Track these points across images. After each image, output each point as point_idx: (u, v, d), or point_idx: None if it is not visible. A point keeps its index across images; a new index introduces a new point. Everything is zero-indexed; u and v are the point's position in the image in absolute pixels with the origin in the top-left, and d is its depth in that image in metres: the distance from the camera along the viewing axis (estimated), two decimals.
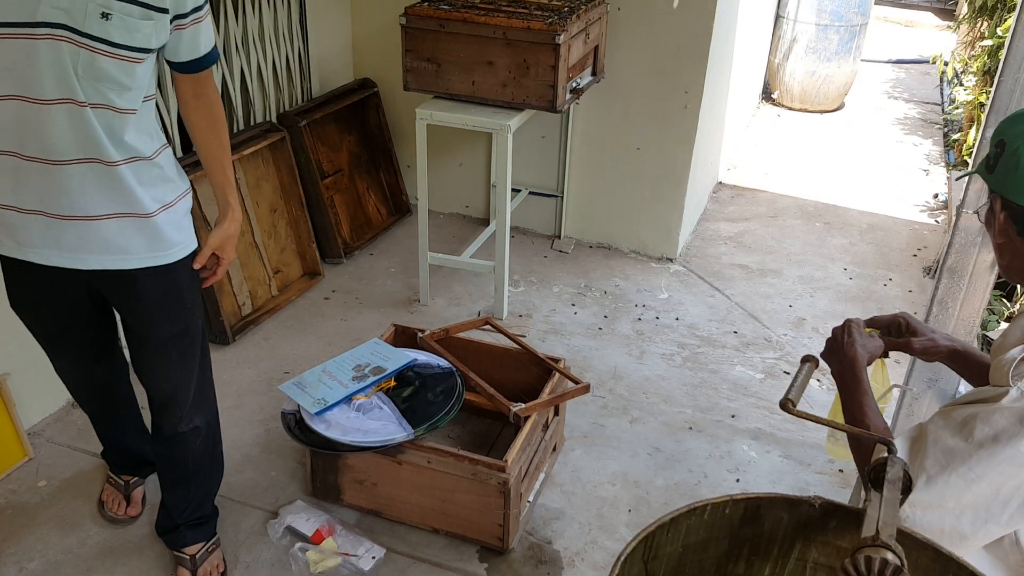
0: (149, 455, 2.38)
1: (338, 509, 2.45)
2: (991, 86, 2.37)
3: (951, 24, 6.84)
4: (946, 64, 5.63)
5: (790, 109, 6.02)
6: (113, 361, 2.20)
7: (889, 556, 0.92)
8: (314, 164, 3.58)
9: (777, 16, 5.85)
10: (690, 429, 2.85)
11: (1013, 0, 4.64)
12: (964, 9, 5.81)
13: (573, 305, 3.52)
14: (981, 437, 1.21)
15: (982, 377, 1.42)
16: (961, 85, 5.49)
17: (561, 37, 2.91)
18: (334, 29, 3.85)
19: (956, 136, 5.23)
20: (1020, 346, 1.28)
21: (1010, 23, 1.95)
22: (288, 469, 2.60)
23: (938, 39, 7.73)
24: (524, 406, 2.36)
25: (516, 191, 3.86)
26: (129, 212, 1.76)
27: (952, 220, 2.20)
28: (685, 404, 2.97)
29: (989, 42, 4.65)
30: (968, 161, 4.06)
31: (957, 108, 5.37)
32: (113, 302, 1.96)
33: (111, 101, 1.65)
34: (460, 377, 2.47)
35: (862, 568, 0.92)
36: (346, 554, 2.28)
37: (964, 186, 2.02)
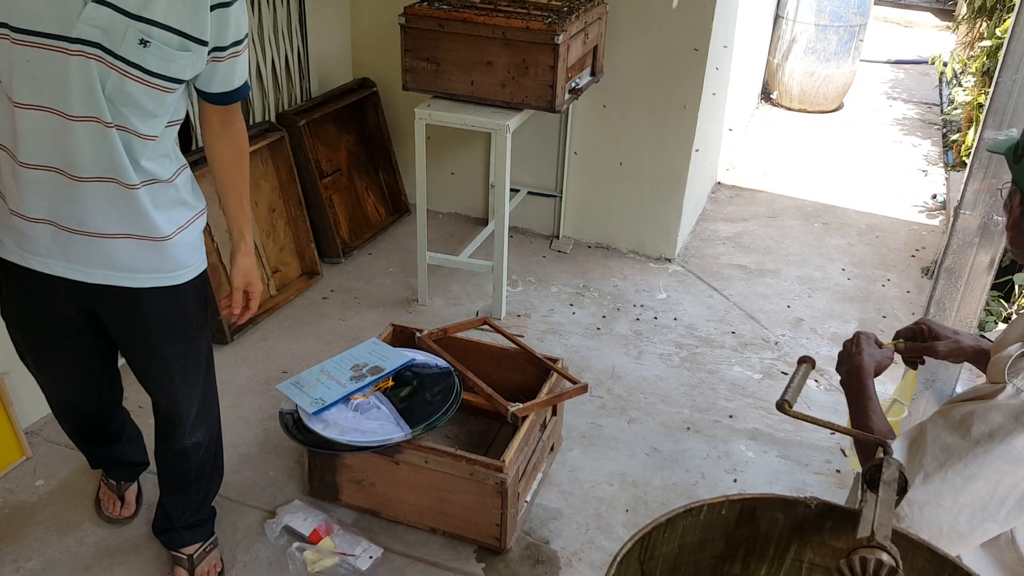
0: (137, 457, 2.39)
1: (336, 509, 2.45)
2: (990, 87, 2.37)
3: (950, 25, 6.84)
4: (945, 65, 5.64)
5: (789, 109, 6.02)
6: (103, 388, 2.11)
7: (884, 557, 0.92)
8: (313, 164, 3.58)
9: (776, 16, 5.85)
10: (688, 429, 2.85)
11: (1012, 1, 4.64)
12: (963, 10, 5.81)
13: (571, 305, 3.52)
14: (978, 435, 1.21)
15: None
16: (960, 86, 5.49)
17: (560, 37, 2.91)
18: (333, 29, 3.85)
19: (955, 137, 5.23)
20: (1018, 343, 1.29)
21: (1009, 24, 1.95)
22: (286, 469, 2.60)
23: (937, 40, 7.73)
24: (522, 406, 2.36)
25: (515, 191, 3.86)
26: (142, 235, 1.74)
27: (950, 221, 2.20)
28: (683, 404, 2.97)
29: (988, 43, 4.65)
30: (966, 162, 4.06)
31: (956, 109, 5.37)
32: (110, 322, 1.89)
33: (133, 126, 1.63)
34: (458, 377, 2.47)
35: (857, 569, 0.92)
36: (343, 554, 2.28)
37: (962, 187, 2.02)
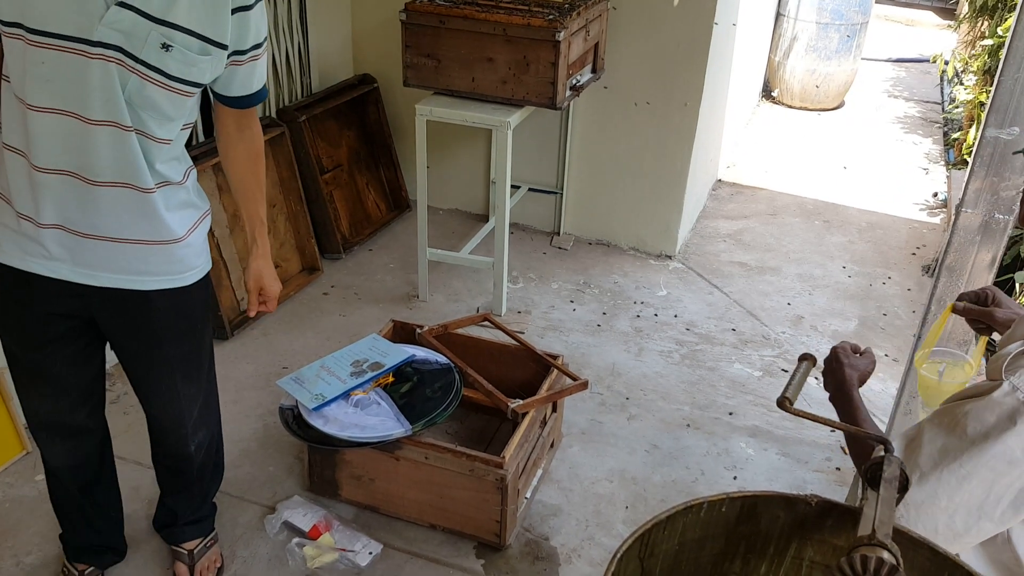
0: (115, 542, 2.22)
1: (335, 504, 2.45)
2: (991, 85, 2.36)
3: (952, 23, 6.84)
4: (946, 63, 5.63)
5: (790, 107, 6.01)
6: (96, 411, 2.00)
7: (885, 555, 0.92)
8: (313, 159, 3.58)
9: (778, 14, 5.84)
10: (688, 426, 2.85)
11: (1014, 0, 4.64)
12: (965, 8, 5.80)
13: (572, 302, 3.52)
14: (972, 434, 1.21)
15: None
16: (961, 84, 5.48)
17: (561, 34, 2.90)
18: (334, 24, 3.84)
19: (956, 135, 5.23)
20: (1018, 342, 1.29)
21: (1010, 22, 1.95)
22: (286, 464, 2.60)
23: (938, 38, 7.73)
24: (522, 402, 2.36)
25: (516, 187, 3.86)
26: (155, 239, 1.72)
27: (951, 219, 2.20)
28: (683, 401, 2.97)
29: (989, 41, 4.65)
30: (968, 160, 4.06)
31: (957, 107, 5.37)
32: (112, 325, 1.83)
33: (151, 130, 1.61)
34: (458, 373, 2.47)
35: (858, 567, 0.92)
36: (343, 549, 2.29)
37: (963, 185, 2.02)
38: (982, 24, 5.20)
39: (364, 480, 2.39)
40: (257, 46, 1.68)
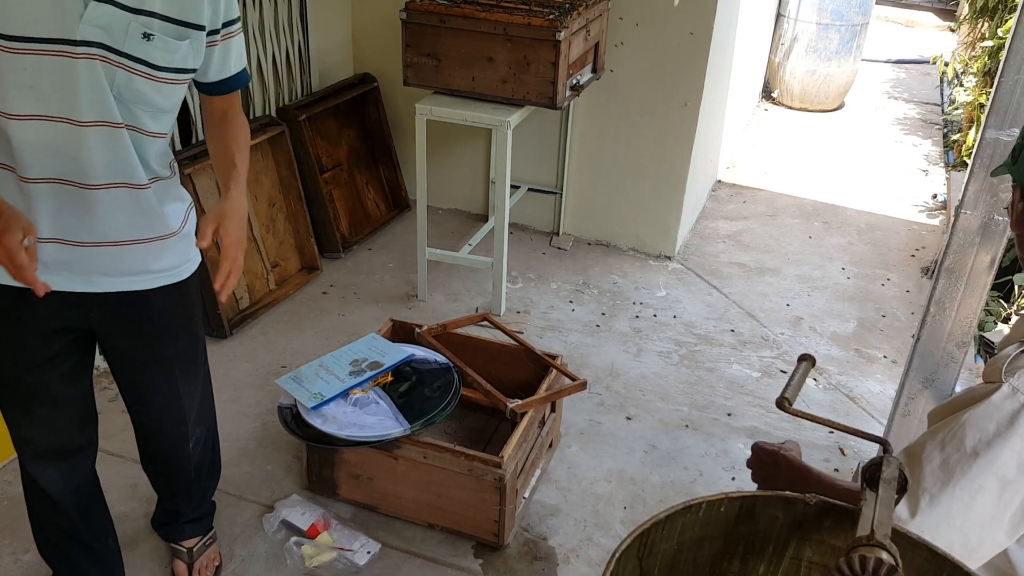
0: (119, 572, 2.13)
1: (334, 504, 2.45)
2: (991, 87, 2.36)
3: (952, 25, 6.85)
4: (946, 65, 5.64)
5: (790, 108, 6.02)
6: (90, 426, 1.94)
7: (884, 556, 0.91)
8: (313, 158, 3.58)
9: (778, 15, 5.85)
10: (686, 427, 2.85)
11: (1014, 1, 4.64)
12: (965, 10, 5.81)
13: (571, 302, 3.52)
14: (974, 444, 1.17)
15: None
16: (961, 86, 5.49)
17: (562, 34, 2.90)
18: (334, 23, 3.84)
19: (956, 137, 5.23)
20: (1016, 343, 1.27)
21: (1011, 24, 1.95)
22: (284, 463, 2.60)
23: (939, 39, 7.73)
24: (521, 402, 2.36)
25: (515, 187, 3.86)
26: (153, 236, 1.70)
27: (951, 221, 2.20)
28: (682, 402, 2.97)
29: (990, 43, 4.65)
30: (967, 162, 4.06)
31: (957, 109, 5.37)
32: (110, 330, 1.80)
33: (144, 125, 1.59)
34: (457, 373, 2.47)
35: (857, 567, 0.92)
36: (341, 548, 2.28)
37: (963, 187, 2.02)
38: (982, 25, 5.21)
39: (362, 479, 2.38)
40: (230, 23, 1.63)
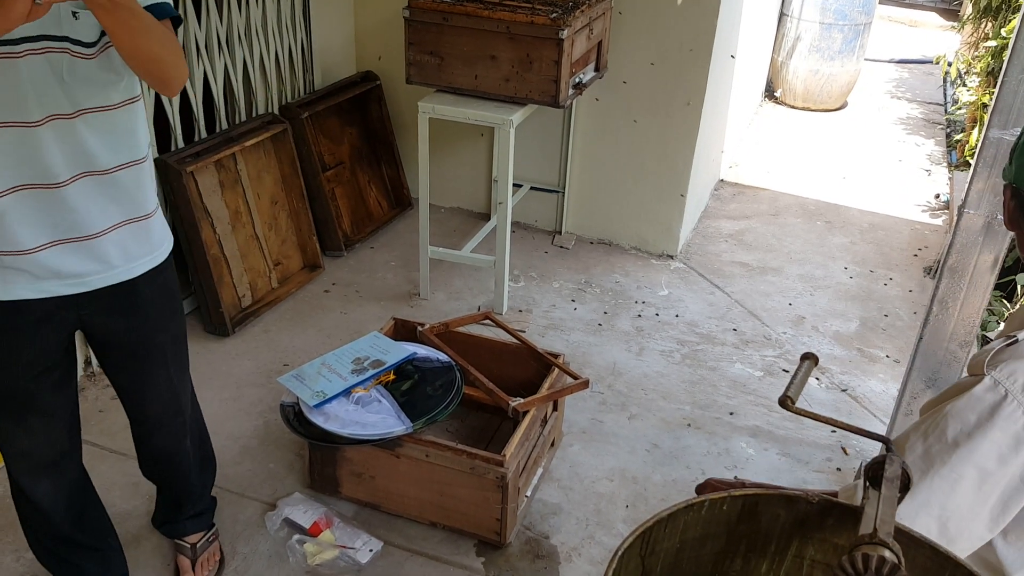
0: (118, 569, 2.13)
1: (336, 502, 2.45)
2: (994, 87, 2.36)
3: (955, 24, 6.83)
4: (949, 64, 5.63)
5: (793, 107, 6.01)
6: (76, 432, 1.94)
7: (887, 554, 0.92)
8: (316, 156, 3.58)
9: (781, 14, 5.84)
10: (688, 426, 2.85)
11: (1018, 1, 4.63)
12: (968, 10, 5.80)
13: (573, 301, 3.52)
14: (955, 435, 1.19)
15: None
16: (964, 86, 5.48)
17: (565, 32, 2.90)
18: (337, 21, 3.84)
19: (959, 137, 5.23)
20: (1002, 337, 1.28)
21: (1014, 24, 1.95)
22: (286, 461, 2.60)
23: (942, 39, 7.72)
24: (523, 401, 2.36)
25: (518, 186, 3.86)
26: (131, 218, 1.71)
27: (953, 220, 2.19)
28: (684, 401, 2.97)
29: (993, 43, 4.65)
30: (970, 162, 4.06)
31: (960, 109, 5.37)
32: (104, 329, 1.81)
33: (108, 99, 1.58)
34: (459, 371, 2.47)
35: (859, 566, 0.92)
36: (343, 547, 2.29)
37: (966, 186, 2.02)
38: (986, 25, 5.20)
39: (365, 477, 2.39)
40: None
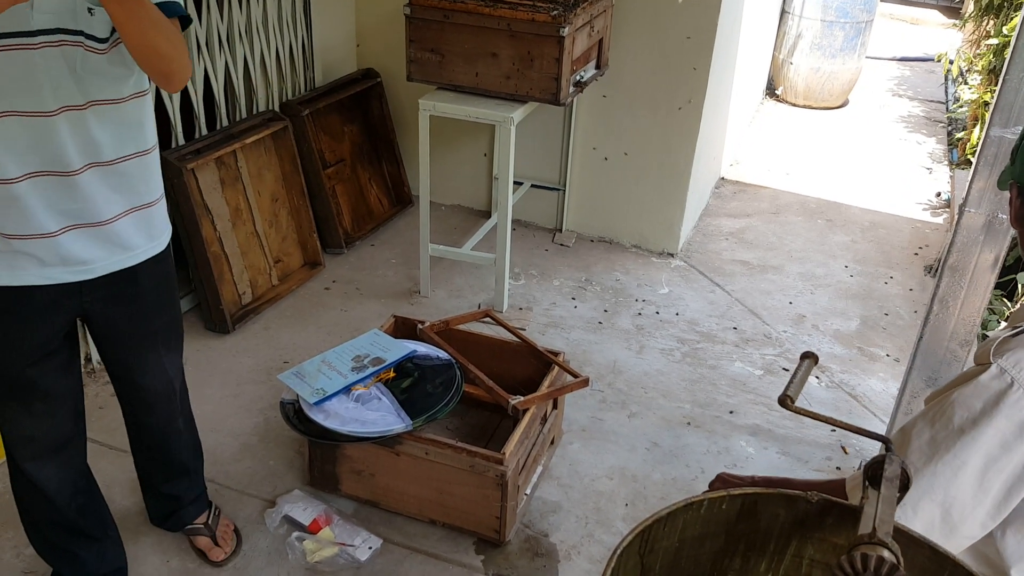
0: (118, 562, 2.15)
1: (336, 499, 2.45)
2: (996, 85, 2.36)
3: (957, 22, 6.83)
4: (951, 62, 5.63)
5: (794, 105, 6.00)
6: (81, 417, 1.96)
7: (885, 554, 0.92)
8: (316, 154, 3.58)
9: (782, 12, 5.83)
10: (688, 424, 2.85)
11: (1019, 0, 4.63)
12: (970, 7, 5.79)
13: (573, 299, 3.52)
14: (961, 422, 1.19)
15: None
16: (966, 83, 5.48)
17: (566, 30, 2.90)
18: (338, 18, 3.84)
19: (960, 135, 5.22)
20: (1008, 327, 1.28)
21: (1016, 22, 1.94)
22: (286, 459, 2.60)
23: (943, 37, 7.71)
24: (523, 399, 2.36)
25: (518, 184, 3.85)
26: (137, 206, 1.74)
27: (954, 219, 2.19)
28: (684, 399, 2.97)
29: (995, 41, 4.64)
30: (971, 160, 4.05)
31: (961, 106, 5.36)
32: (105, 317, 1.83)
33: (118, 93, 1.61)
34: (459, 369, 2.47)
35: (858, 565, 0.92)
36: (343, 544, 2.29)
37: (967, 185, 2.02)
38: (987, 23, 5.20)
39: (364, 475, 2.39)
40: None
